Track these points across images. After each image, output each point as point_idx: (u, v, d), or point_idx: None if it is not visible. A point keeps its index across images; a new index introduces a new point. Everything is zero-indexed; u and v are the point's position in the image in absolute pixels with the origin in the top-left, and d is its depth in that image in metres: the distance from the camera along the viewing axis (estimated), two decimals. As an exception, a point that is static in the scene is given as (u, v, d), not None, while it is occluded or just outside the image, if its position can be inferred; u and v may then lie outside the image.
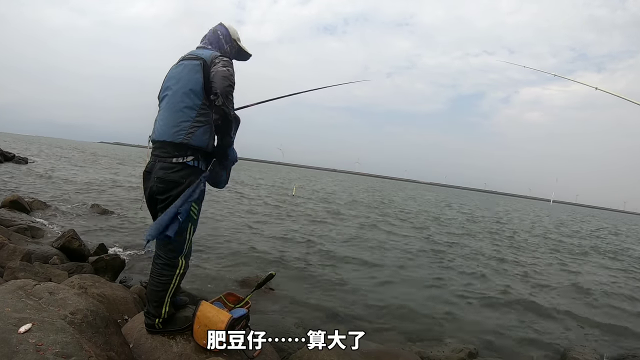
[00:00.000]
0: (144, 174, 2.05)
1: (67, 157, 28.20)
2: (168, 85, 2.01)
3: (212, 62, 1.94)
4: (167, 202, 1.93)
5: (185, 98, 1.92)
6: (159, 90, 2.13)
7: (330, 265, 5.94)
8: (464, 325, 4.22)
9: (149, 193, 2.03)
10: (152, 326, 2.05)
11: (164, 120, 1.95)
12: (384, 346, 3.39)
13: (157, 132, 1.97)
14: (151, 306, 2.03)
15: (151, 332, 2.08)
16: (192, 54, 2.04)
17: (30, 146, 39.26)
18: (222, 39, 2.18)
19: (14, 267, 2.93)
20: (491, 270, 7.04)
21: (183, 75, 1.96)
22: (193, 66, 1.96)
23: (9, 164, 16.19)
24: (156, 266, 2.03)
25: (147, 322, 2.07)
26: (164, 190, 1.93)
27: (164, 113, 1.97)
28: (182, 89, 1.94)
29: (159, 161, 1.94)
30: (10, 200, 6.18)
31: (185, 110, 1.91)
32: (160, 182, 1.92)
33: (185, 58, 2.04)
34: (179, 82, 1.96)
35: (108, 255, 4.19)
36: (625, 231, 25.00)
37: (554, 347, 3.95)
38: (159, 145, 1.97)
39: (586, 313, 5.13)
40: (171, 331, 2.09)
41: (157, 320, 2.04)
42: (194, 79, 1.93)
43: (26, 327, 1.42)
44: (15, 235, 4.36)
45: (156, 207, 2.04)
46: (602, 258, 10.49)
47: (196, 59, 1.97)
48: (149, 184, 2.01)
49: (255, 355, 2.16)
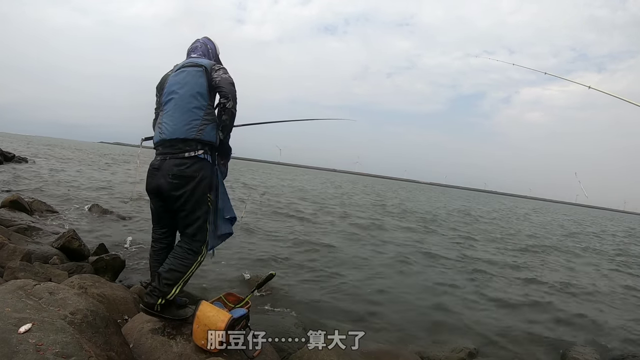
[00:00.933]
0: (150, 170, 2.18)
1: (67, 157, 28.20)
2: (173, 90, 2.17)
3: (212, 69, 2.19)
4: (184, 198, 2.09)
5: (194, 100, 2.11)
6: (157, 95, 2.33)
7: (330, 266, 5.94)
8: (464, 325, 4.22)
9: (158, 189, 2.15)
10: (152, 306, 2.06)
11: (174, 120, 2.11)
12: (384, 346, 3.40)
13: (167, 132, 2.11)
14: (161, 283, 2.07)
15: (147, 313, 2.09)
16: (192, 62, 2.24)
17: (30, 146, 39.25)
18: (211, 53, 2.45)
19: (14, 267, 2.93)
20: (492, 270, 7.04)
21: (188, 80, 2.16)
22: (196, 72, 2.17)
23: (9, 164, 16.18)
24: (179, 249, 2.15)
25: (147, 302, 2.08)
26: (178, 186, 2.08)
27: (174, 114, 2.12)
28: (189, 91, 2.13)
29: (171, 158, 2.09)
30: (10, 200, 6.17)
31: (195, 110, 2.10)
32: (175, 178, 2.07)
33: (185, 65, 2.23)
34: (185, 86, 2.15)
35: (108, 255, 4.19)
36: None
37: (554, 347, 3.95)
38: (169, 143, 2.11)
39: (586, 313, 5.13)
40: (167, 318, 2.11)
41: (159, 300, 2.06)
42: (199, 83, 2.14)
43: (26, 327, 1.42)
44: (15, 235, 4.36)
45: (163, 202, 2.18)
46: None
47: (197, 66, 2.19)
48: (157, 180, 2.13)
49: (255, 355, 2.16)
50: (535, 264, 8.28)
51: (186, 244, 2.16)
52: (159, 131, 2.17)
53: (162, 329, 2.16)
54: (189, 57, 2.38)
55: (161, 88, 2.30)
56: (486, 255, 8.45)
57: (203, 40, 2.47)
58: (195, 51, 2.41)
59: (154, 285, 2.11)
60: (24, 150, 26.78)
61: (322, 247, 7.19)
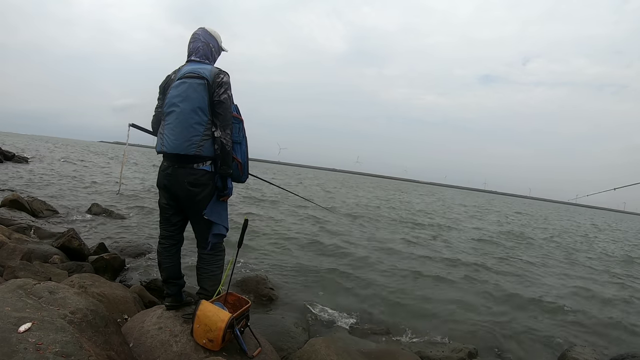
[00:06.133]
0: (162, 173, 2.27)
1: (68, 156, 28.20)
2: (174, 102, 2.17)
3: (214, 81, 2.16)
4: (202, 201, 2.21)
5: (194, 115, 2.13)
6: (160, 96, 2.34)
7: (330, 266, 5.94)
8: (464, 325, 4.22)
9: (171, 193, 2.26)
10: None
11: (175, 135, 2.14)
12: (383, 346, 3.40)
13: (168, 146, 2.16)
14: (208, 289, 2.36)
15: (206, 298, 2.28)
16: (194, 72, 2.19)
17: (30, 145, 39.26)
18: (214, 51, 2.40)
19: (13, 266, 2.92)
20: (492, 271, 7.04)
21: (189, 94, 2.15)
22: (197, 85, 2.15)
23: (9, 163, 16.19)
24: (206, 256, 2.35)
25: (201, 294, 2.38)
26: (197, 192, 2.19)
27: (175, 129, 2.15)
28: (189, 106, 2.13)
29: (181, 167, 2.18)
30: (10, 200, 6.18)
31: (195, 126, 2.13)
32: (192, 186, 2.17)
33: (187, 76, 2.19)
34: (186, 100, 2.14)
35: (108, 255, 4.19)
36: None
37: (554, 347, 3.95)
38: (174, 155, 2.18)
39: (587, 313, 5.13)
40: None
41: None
42: (199, 98, 2.14)
43: (26, 326, 1.42)
44: (15, 235, 4.36)
45: (178, 203, 2.29)
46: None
47: (199, 78, 2.16)
48: (174, 189, 2.23)
49: (255, 354, 2.16)
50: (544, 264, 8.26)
51: (211, 248, 2.32)
52: (161, 142, 2.22)
53: (161, 329, 2.16)
54: (190, 61, 2.31)
55: (164, 91, 2.29)
56: (495, 256, 8.44)
57: (204, 37, 2.35)
58: (197, 53, 2.31)
59: (200, 292, 2.39)
60: (24, 150, 26.79)
61: (321, 248, 7.20)
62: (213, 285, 2.37)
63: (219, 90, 2.15)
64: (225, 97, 2.15)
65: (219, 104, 2.14)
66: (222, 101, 2.14)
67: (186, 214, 2.34)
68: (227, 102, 2.16)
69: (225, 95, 2.16)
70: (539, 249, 10.68)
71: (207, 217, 2.22)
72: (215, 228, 2.27)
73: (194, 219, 2.31)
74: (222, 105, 2.14)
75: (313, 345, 2.61)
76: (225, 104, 2.15)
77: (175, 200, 2.28)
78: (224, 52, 2.51)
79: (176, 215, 2.35)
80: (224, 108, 2.15)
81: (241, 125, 2.30)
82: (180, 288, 2.45)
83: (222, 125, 2.14)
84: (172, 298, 2.41)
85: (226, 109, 2.15)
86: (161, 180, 2.28)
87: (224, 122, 2.14)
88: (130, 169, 22.96)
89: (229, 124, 2.17)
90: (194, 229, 2.36)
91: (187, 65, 2.29)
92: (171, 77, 2.29)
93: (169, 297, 2.42)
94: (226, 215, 2.35)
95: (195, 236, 2.37)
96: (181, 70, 2.25)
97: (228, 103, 2.17)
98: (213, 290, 2.36)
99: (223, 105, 2.14)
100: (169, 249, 2.38)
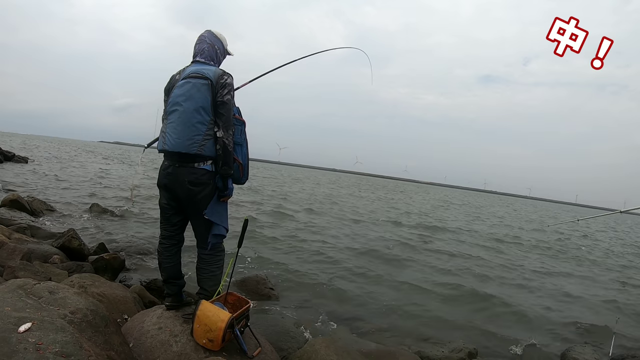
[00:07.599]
0: (162, 172, 2.28)
1: (68, 156, 28.19)
2: (177, 102, 2.20)
3: (217, 82, 2.18)
4: (202, 200, 2.21)
5: (197, 115, 2.15)
6: (165, 98, 2.35)
7: (331, 266, 5.94)
8: (464, 326, 4.22)
9: (174, 194, 2.26)
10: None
11: (177, 133, 2.16)
12: (383, 346, 3.40)
13: (170, 144, 2.18)
14: (208, 291, 2.37)
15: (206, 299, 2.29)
16: (198, 73, 2.21)
17: (30, 145, 39.24)
18: (220, 53, 2.43)
19: (13, 266, 2.92)
20: (493, 271, 7.04)
21: (192, 93, 2.17)
22: (201, 85, 2.17)
23: (9, 163, 16.18)
24: (206, 256, 2.36)
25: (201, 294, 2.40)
26: (197, 192, 2.19)
27: (177, 127, 2.17)
28: (192, 106, 2.15)
29: (181, 166, 2.19)
30: (10, 200, 6.17)
31: (198, 125, 2.14)
32: (193, 185, 2.18)
33: (191, 76, 2.21)
34: (189, 99, 2.16)
35: (108, 255, 4.19)
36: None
37: (553, 347, 3.95)
38: (173, 154, 2.20)
39: (587, 313, 5.14)
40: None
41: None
42: (202, 98, 2.16)
43: (26, 326, 1.42)
44: (15, 235, 4.35)
45: (178, 203, 2.29)
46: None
47: (203, 78, 2.18)
48: (175, 188, 2.23)
49: (255, 354, 2.16)
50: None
51: (211, 248, 2.32)
52: (162, 141, 2.24)
53: (161, 329, 2.16)
54: (195, 62, 2.33)
55: (168, 92, 2.31)
56: (491, 260, 8.43)
57: (210, 39, 2.38)
58: (202, 54, 2.34)
59: (201, 292, 2.40)
60: (24, 150, 26.78)
61: (321, 250, 7.20)
62: (213, 285, 2.38)
63: (222, 91, 2.17)
64: (228, 98, 2.18)
65: (222, 105, 2.17)
66: (225, 102, 2.17)
67: (186, 214, 2.35)
68: (229, 103, 2.19)
69: (228, 96, 2.19)
70: (538, 249, 10.68)
71: (207, 217, 2.22)
72: (215, 228, 2.28)
73: (194, 219, 2.32)
74: (225, 106, 2.17)
75: (313, 345, 2.61)
76: (228, 104, 2.18)
77: (175, 200, 2.29)
78: (230, 56, 2.52)
79: (176, 215, 2.36)
80: (226, 109, 2.17)
81: (243, 127, 2.33)
82: (180, 288, 2.45)
83: (225, 125, 2.16)
84: (172, 298, 2.41)
85: (229, 109, 2.19)
86: (161, 180, 2.29)
87: (226, 122, 2.17)
88: (136, 169, 22.87)
89: (231, 124, 2.20)
90: (194, 229, 2.36)
91: (191, 65, 2.32)
92: (175, 77, 2.32)
93: (169, 297, 2.42)
94: (226, 216, 2.36)
95: (195, 236, 2.38)
96: (186, 71, 2.28)
97: (231, 104, 2.20)
98: (213, 290, 2.37)
99: (226, 106, 2.17)
100: (170, 249, 2.39)
